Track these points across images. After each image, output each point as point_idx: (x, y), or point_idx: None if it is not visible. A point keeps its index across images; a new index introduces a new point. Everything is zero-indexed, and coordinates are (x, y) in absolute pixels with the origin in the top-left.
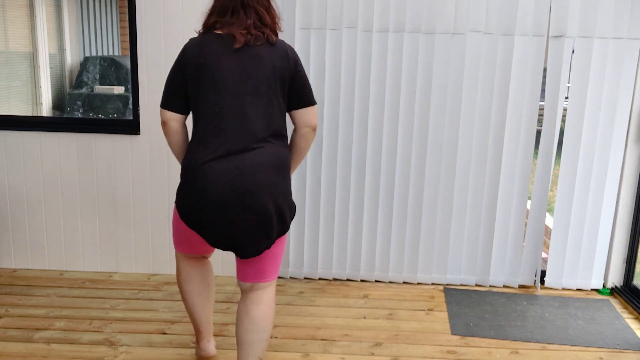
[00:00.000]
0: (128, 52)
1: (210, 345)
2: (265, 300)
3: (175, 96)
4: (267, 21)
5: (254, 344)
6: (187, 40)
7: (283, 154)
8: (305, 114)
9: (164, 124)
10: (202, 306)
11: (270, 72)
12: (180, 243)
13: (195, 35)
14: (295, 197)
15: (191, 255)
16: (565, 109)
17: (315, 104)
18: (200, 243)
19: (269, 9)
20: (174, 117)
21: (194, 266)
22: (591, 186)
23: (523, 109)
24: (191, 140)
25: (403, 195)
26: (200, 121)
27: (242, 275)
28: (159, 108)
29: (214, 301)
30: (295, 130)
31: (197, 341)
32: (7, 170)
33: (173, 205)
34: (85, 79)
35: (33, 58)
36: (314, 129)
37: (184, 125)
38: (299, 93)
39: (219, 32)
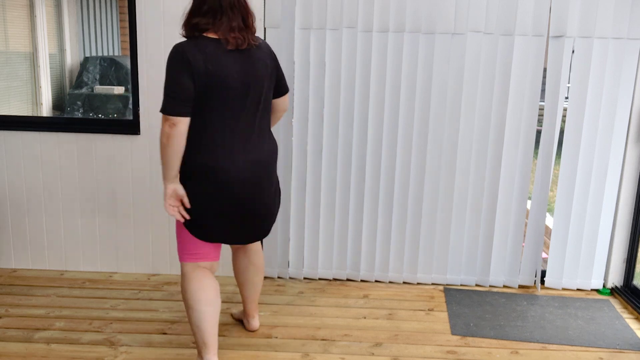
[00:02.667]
0: (128, 52)
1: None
2: (260, 248)
3: (184, 101)
4: (249, 23)
5: (259, 284)
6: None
7: (274, 148)
8: (284, 101)
9: (172, 127)
10: (213, 315)
11: (266, 72)
12: (193, 250)
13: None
14: (295, 197)
15: (201, 264)
16: (565, 109)
17: (289, 89)
18: (213, 245)
19: (248, 10)
20: (183, 122)
21: (207, 275)
22: (591, 186)
23: (523, 109)
24: (201, 142)
25: (403, 195)
26: (213, 124)
27: None
28: (159, 109)
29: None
30: (272, 113)
31: (201, 355)
32: (7, 170)
33: None
34: (85, 79)
35: (33, 58)
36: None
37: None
38: (280, 84)
39: (212, 35)
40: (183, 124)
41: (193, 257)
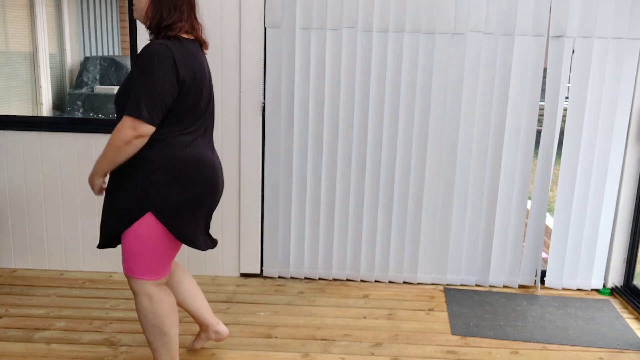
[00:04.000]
0: (128, 52)
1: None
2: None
3: (163, 109)
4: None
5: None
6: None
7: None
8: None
9: (138, 139)
10: (177, 332)
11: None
12: (160, 266)
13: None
14: (295, 197)
15: (162, 280)
16: (565, 109)
17: None
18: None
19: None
20: (151, 132)
21: (169, 292)
22: (591, 186)
23: (523, 109)
24: (182, 142)
25: (403, 195)
26: (192, 127)
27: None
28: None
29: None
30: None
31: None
32: (7, 170)
33: None
34: (86, 79)
35: (33, 58)
36: None
37: None
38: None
39: (187, 36)
40: (149, 136)
41: (157, 274)
